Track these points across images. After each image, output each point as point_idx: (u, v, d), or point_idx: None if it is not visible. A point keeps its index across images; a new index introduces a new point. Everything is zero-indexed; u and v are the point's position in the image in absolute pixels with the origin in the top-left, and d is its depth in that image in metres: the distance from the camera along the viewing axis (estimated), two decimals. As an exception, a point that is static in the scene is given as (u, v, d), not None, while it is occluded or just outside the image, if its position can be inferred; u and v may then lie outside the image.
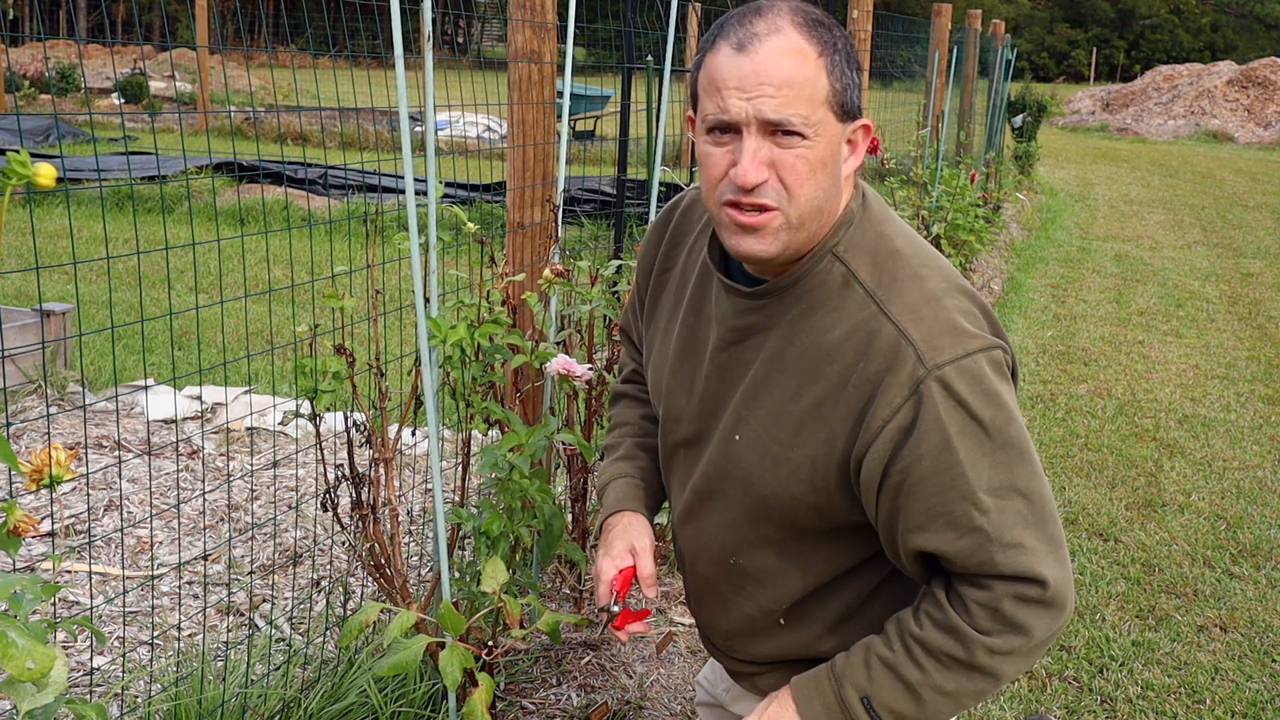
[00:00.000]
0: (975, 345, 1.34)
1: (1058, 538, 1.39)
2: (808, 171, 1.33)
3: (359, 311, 2.89)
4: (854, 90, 1.36)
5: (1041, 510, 1.38)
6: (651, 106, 3.94)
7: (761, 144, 1.32)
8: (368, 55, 3.05)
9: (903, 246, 1.42)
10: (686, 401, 1.54)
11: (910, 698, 1.38)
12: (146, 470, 3.79)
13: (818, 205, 1.36)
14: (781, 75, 1.30)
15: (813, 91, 1.31)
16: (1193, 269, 9.24)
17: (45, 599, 1.34)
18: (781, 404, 1.42)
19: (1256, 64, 26.46)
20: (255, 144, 13.56)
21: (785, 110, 1.30)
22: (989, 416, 1.33)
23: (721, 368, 1.49)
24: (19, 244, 7.55)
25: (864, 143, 1.41)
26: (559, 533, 2.26)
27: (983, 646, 1.35)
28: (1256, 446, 4.94)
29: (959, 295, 1.39)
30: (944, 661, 1.37)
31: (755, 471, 1.45)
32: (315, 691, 2.37)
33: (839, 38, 1.36)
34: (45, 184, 1.20)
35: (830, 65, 1.33)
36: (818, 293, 1.40)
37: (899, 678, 1.38)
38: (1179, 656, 3.15)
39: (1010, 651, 1.36)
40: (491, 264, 2.47)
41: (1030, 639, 1.36)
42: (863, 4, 6.74)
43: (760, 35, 1.31)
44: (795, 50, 1.31)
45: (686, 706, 2.67)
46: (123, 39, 18.08)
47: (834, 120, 1.34)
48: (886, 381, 1.33)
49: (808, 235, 1.38)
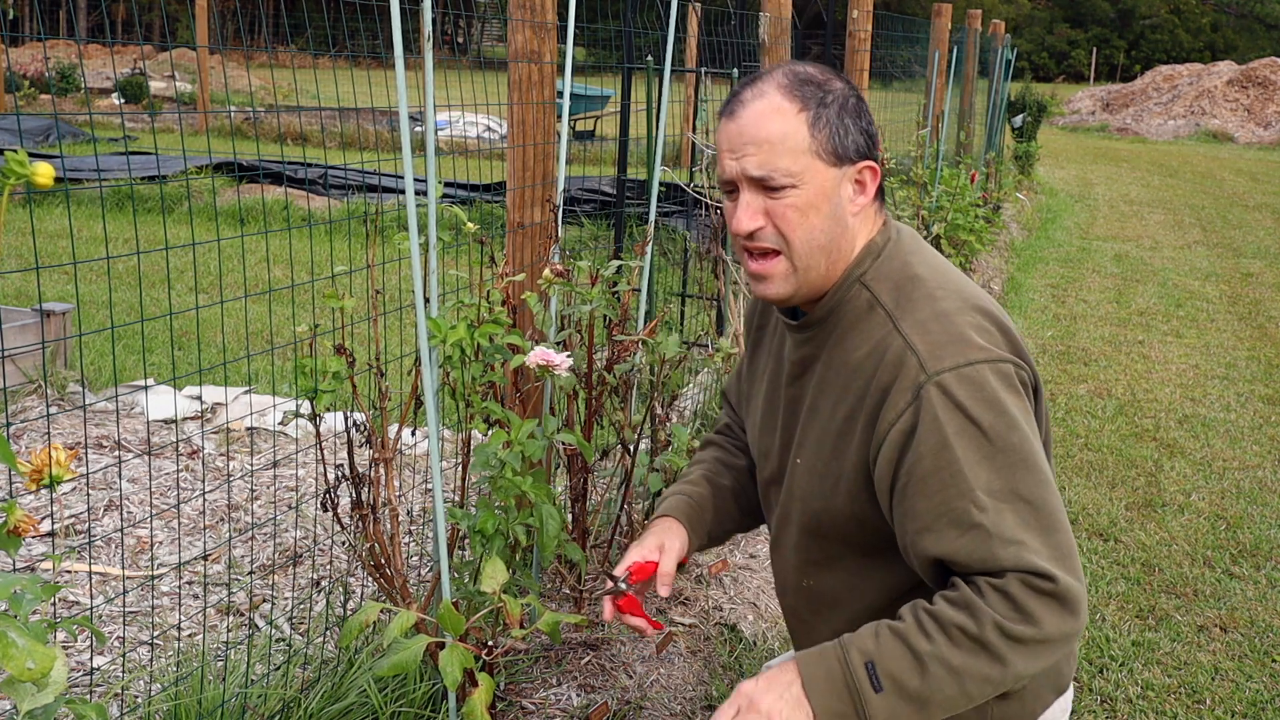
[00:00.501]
0: (979, 356, 1.42)
1: (1066, 547, 1.39)
2: (798, 217, 1.48)
3: (359, 311, 2.89)
4: (849, 136, 1.49)
5: (1048, 518, 1.39)
6: (651, 106, 3.94)
7: (754, 197, 1.49)
8: (368, 55, 3.05)
9: (923, 272, 1.53)
10: (771, 440, 1.68)
11: (916, 667, 1.36)
12: (146, 470, 3.79)
13: (819, 244, 1.50)
14: (761, 134, 1.47)
15: (794, 145, 1.46)
16: (1193, 269, 9.24)
17: (45, 599, 1.34)
18: (825, 423, 1.54)
19: (1256, 64, 26.46)
20: (255, 144, 13.57)
21: (766, 166, 1.46)
22: (988, 421, 1.38)
23: (790, 401, 1.63)
24: (19, 244, 7.55)
25: (873, 182, 1.53)
26: (556, 531, 2.26)
27: (993, 623, 1.35)
28: (1256, 446, 4.94)
29: (974, 314, 1.47)
30: (953, 635, 1.36)
31: (808, 490, 1.56)
32: (315, 691, 2.37)
33: (831, 91, 1.50)
34: (44, 184, 1.20)
35: (814, 118, 1.47)
36: (848, 318, 1.53)
37: (907, 646, 1.37)
38: (1179, 656, 3.15)
39: (1019, 638, 1.35)
40: (491, 264, 2.47)
41: (1040, 630, 1.35)
42: (863, 4, 6.74)
43: (745, 101, 1.49)
44: (774, 110, 1.47)
45: (686, 706, 2.68)
46: (123, 39, 18.09)
47: (824, 167, 1.48)
48: (893, 389, 1.43)
49: (820, 273, 1.52)
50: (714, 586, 3.22)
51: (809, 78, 1.50)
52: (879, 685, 1.36)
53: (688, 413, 4.43)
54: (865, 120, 1.52)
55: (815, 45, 8.74)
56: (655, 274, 4.09)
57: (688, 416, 4.40)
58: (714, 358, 3.76)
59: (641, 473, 3.19)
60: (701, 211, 4.53)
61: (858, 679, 1.37)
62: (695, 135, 4.71)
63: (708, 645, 2.93)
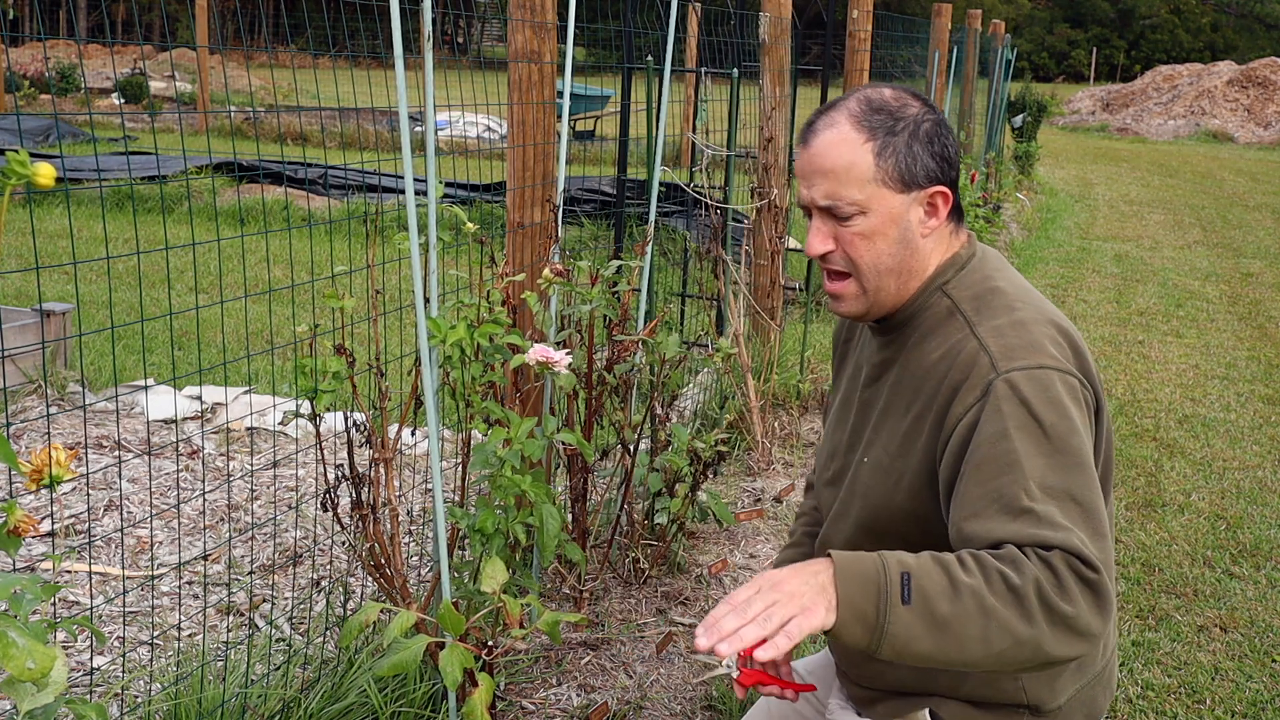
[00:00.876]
0: (1050, 363, 1.46)
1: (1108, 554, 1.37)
2: (864, 243, 1.54)
3: (359, 311, 2.89)
4: (920, 162, 1.54)
5: (1098, 523, 1.37)
6: (651, 106, 3.94)
7: (824, 222, 1.56)
8: (368, 55, 3.05)
9: (1004, 286, 1.58)
10: (840, 439, 1.72)
11: (950, 592, 1.30)
12: (146, 470, 3.79)
13: (887, 267, 1.56)
14: (827, 164, 1.53)
15: (859, 174, 1.52)
16: (1193, 269, 9.24)
17: (45, 599, 1.34)
18: (896, 423, 1.58)
19: (1256, 64, 26.45)
20: (255, 144, 13.56)
21: (832, 196, 1.53)
22: (1050, 420, 1.41)
23: (865, 403, 1.67)
24: (19, 244, 7.55)
25: (945, 205, 1.58)
26: (556, 531, 2.26)
27: (1035, 581, 1.30)
28: (1256, 446, 4.94)
29: (1049, 327, 1.52)
30: (993, 579, 1.31)
31: (872, 487, 1.59)
32: (315, 691, 2.37)
33: (903, 119, 1.55)
34: (45, 184, 1.20)
35: (881, 147, 1.52)
36: (928, 324, 1.58)
37: (946, 571, 1.32)
38: (1179, 656, 3.15)
39: (1053, 608, 1.30)
40: (491, 264, 2.47)
41: (1074, 610, 1.30)
42: (863, 4, 6.74)
43: (816, 130, 1.55)
44: (841, 140, 1.53)
45: (686, 707, 2.68)
46: (123, 39, 18.08)
47: (891, 194, 1.53)
48: (963, 387, 1.47)
49: (891, 293, 1.58)
50: (714, 586, 3.22)
51: (881, 105, 1.56)
52: (908, 597, 1.31)
53: (688, 413, 4.43)
54: (940, 144, 1.56)
55: (815, 45, 8.74)
56: (655, 274, 4.09)
57: (688, 416, 4.40)
58: (714, 358, 3.76)
59: (641, 473, 3.20)
60: (701, 211, 4.53)
61: (890, 584, 1.31)
62: (695, 135, 4.71)
63: (708, 645, 2.93)
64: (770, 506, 3.80)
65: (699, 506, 3.35)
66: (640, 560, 3.18)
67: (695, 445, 3.18)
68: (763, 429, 4.25)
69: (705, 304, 5.29)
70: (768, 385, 4.50)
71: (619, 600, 3.10)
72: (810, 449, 4.44)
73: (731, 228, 4.64)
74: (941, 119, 1.59)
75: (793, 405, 4.77)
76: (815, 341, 5.93)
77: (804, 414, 4.78)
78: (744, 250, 4.56)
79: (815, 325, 6.50)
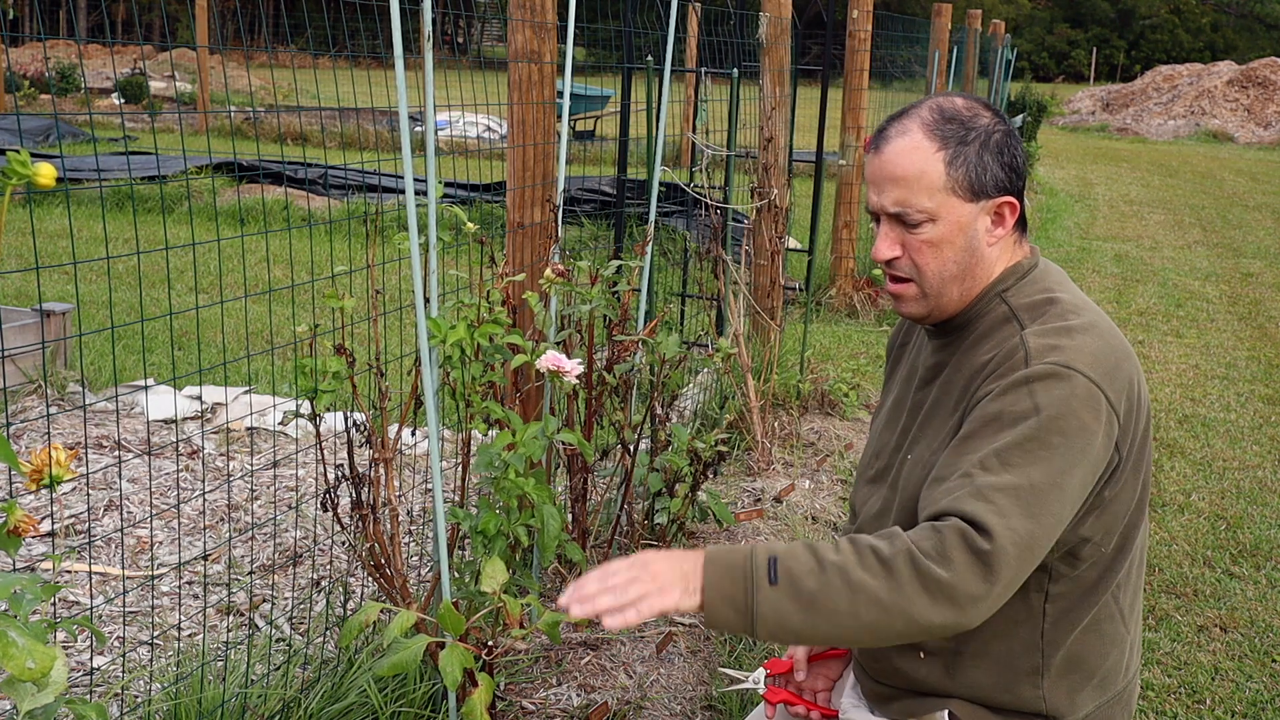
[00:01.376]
0: (1079, 367, 1.47)
1: (1029, 538, 1.39)
2: (931, 250, 1.57)
3: (359, 311, 2.89)
4: (989, 172, 1.56)
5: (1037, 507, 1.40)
6: (651, 106, 3.94)
7: (892, 228, 1.58)
8: (368, 55, 3.05)
9: (1063, 297, 1.59)
10: (888, 438, 1.73)
11: (816, 569, 1.37)
12: (146, 470, 3.79)
13: (951, 275, 1.58)
14: (898, 172, 1.55)
15: (930, 182, 1.54)
16: (1193, 269, 9.24)
17: (45, 599, 1.34)
18: (941, 421, 1.60)
19: (1256, 64, 26.45)
20: (255, 144, 13.56)
21: (902, 203, 1.55)
22: (1049, 415, 1.43)
23: (917, 405, 1.69)
24: (19, 244, 7.55)
25: (1011, 215, 1.60)
26: (556, 531, 2.26)
27: (906, 551, 1.37)
28: (1256, 446, 4.94)
29: (1098, 340, 1.52)
30: (863, 554, 1.38)
31: (913, 483, 1.60)
32: (315, 691, 2.37)
33: (975, 129, 1.57)
34: (45, 184, 1.20)
35: (952, 156, 1.54)
36: (984, 329, 1.60)
37: (814, 554, 1.40)
38: (1179, 656, 3.15)
39: (927, 576, 1.35)
40: (491, 264, 2.47)
41: (951, 576, 1.35)
42: (863, 4, 6.74)
43: (889, 138, 1.57)
44: (913, 148, 1.55)
45: (687, 706, 2.68)
46: (123, 39, 18.07)
47: (960, 203, 1.55)
48: (993, 377, 1.51)
49: (954, 297, 1.60)
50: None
51: (954, 114, 1.57)
52: (775, 578, 1.38)
53: (688, 413, 4.43)
54: (1009, 154, 1.58)
55: (815, 45, 8.74)
56: (655, 274, 4.10)
57: (688, 416, 4.40)
58: (714, 357, 3.76)
59: (641, 473, 3.20)
60: (701, 211, 4.53)
61: (757, 568, 1.39)
62: (695, 135, 4.71)
63: (708, 645, 2.93)
64: (770, 506, 3.81)
65: (699, 506, 3.35)
66: (640, 560, 3.18)
67: (695, 445, 3.18)
68: (763, 429, 4.25)
69: (705, 304, 5.30)
70: (768, 385, 4.51)
71: (619, 600, 3.10)
72: (810, 449, 4.44)
73: (731, 228, 4.64)
74: (1011, 129, 1.61)
75: (793, 405, 4.77)
76: (815, 341, 5.93)
77: (804, 414, 4.78)
78: (744, 250, 4.56)
79: (815, 325, 6.49)
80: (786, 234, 4.98)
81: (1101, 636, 1.58)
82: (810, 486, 4.05)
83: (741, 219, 5.71)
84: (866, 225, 7.93)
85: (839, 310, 7.01)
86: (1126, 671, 1.65)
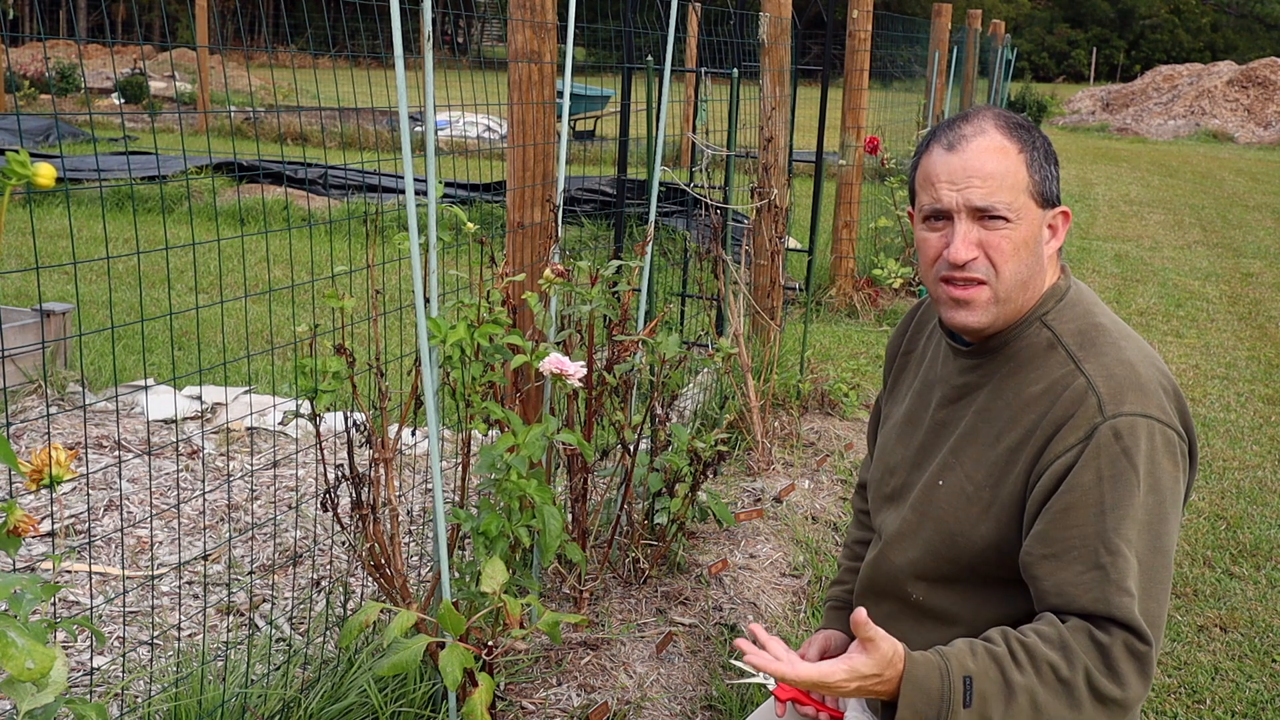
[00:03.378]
0: (1157, 414, 1.48)
1: (1160, 617, 1.46)
2: (1012, 250, 1.54)
3: (359, 311, 2.89)
4: (1051, 182, 1.58)
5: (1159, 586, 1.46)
6: (651, 106, 3.94)
7: (971, 227, 1.55)
8: (368, 55, 3.05)
9: (1106, 323, 1.59)
10: (904, 455, 1.72)
11: (1005, 694, 1.41)
12: (146, 470, 3.79)
13: (1021, 280, 1.57)
14: (987, 169, 1.54)
15: (1014, 182, 1.54)
16: (1193, 269, 9.24)
17: (45, 599, 1.34)
18: (983, 450, 1.58)
19: (1256, 64, 26.45)
20: (255, 144, 13.56)
21: (991, 198, 1.53)
22: (1146, 474, 1.45)
23: (939, 423, 1.67)
24: (19, 244, 7.55)
25: (1063, 227, 1.61)
26: (558, 532, 2.26)
27: (1085, 670, 1.41)
28: (1256, 446, 4.94)
29: (1154, 370, 1.53)
30: (1043, 672, 1.41)
31: (950, 512, 1.60)
32: (315, 691, 2.37)
33: (1038, 138, 1.59)
34: (45, 184, 1.20)
35: (1030, 160, 1.56)
36: (1025, 353, 1.59)
37: (1001, 672, 1.42)
38: (1179, 656, 3.15)
39: (1103, 694, 1.40)
40: (491, 264, 2.47)
41: (1123, 691, 1.41)
42: (863, 4, 6.74)
43: (968, 136, 1.56)
44: (998, 148, 1.55)
45: (686, 706, 2.68)
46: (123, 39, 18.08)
47: (1034, 207, 1.56)
48: (1067, 424, 1.49)
49: (1013, 309, 1.58)
50: (714, 586, 3.22)
51: (1020, 122, 1.59)
52: (969, 701, 1.41)
53: (688, 413, 4.43)
54: (1059, 168, 1.61)
55: (815, 45, 8.75)
56: (655, 274, 4.09)
57: (688, 416, 4.40)
58: (714, 357, 3.76)
59: (641, 473, 3.20)
60: (701, 211, 4.53)
61: (953, 691, 1.41)
62: (695, 135, 4.71)
63: (708, 645, 2.93)
64: (770, 506, 3.80)
65: (699, 506, 3.35)
66: (640, 560, 3.18)
67: (695, 445, 3.18)
68: (763, 429, 4.25)
69: (705, 304, 5.30)
70: (768, 385, 4.50)
71: (619, 600, 3.10)
72: (810, 449, 4.44)
73: (731, 228, 4.64)
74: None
75: (793, 405, 4.77)
76: (815, 341, 5.93)
77: (804, 414, 4.78)
78: (744, 250, 4.56)
79: (815, 325, 6.49)
80: (786, 234, 4.98)
81: None
82: (810, 486, 4.05)
83: (741, 219, 5.71)
84: (866, 225, 7.93)
85: (839, 310, 7.01)
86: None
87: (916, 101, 9.94)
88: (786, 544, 3.56)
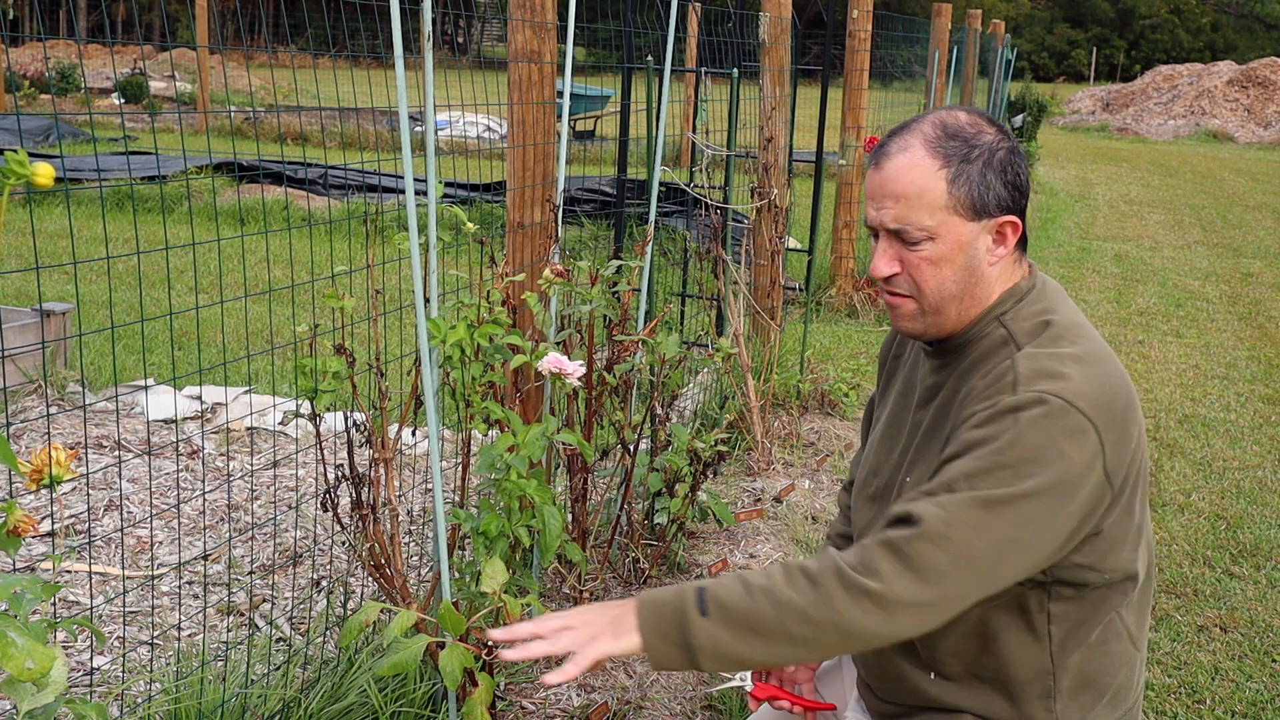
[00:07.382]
0: (1070, 397, 1.43)
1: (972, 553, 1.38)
2: (930, 268, 1.54)
3: (359, 311, 2.89)
4: (992, 191, 1.53)
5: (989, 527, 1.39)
6: (651, 106, 3.94)
7: (891, 244, 1.56)
8: (368, 55, 3.05)
9: (1058, 320, 1.56)
10: (887, 456, 1.71)
11: (744, 595, 1.41)
12: (146, 470, 3.79)
13: (950, 294, 1.56)
14: (899, 189, 1.52)
15: (931, 200, 1.51)
16: (1193, 269, 9.24)
17: (45, 599, 1.34)
18: (936, 444, 1.58)
19: (1256, 64, 26.45)
20: (255, 144, 13.56)
21: (901, 220, 1.52)
22: (1030, 442, 1.41)
23: (915, 424, 1.67)
24: (19, 244, 7.55)
25: (1013, 235, 1.57)
26: (558, 532, 2.26)
27: (833, 566, 1.40)
28: (1256, 446, 4.94)
29: (1094, 367, 1.49)
30: (791, 574, 1.42)
31: None
32: (315, 691, 2.37)
33: (978, 146, 1.53)
34: (44, 184, 1.20)
35: (954, 174, 1.52)
36: (981, 351, 1.58)
37: (742, 580, 1.44)
38: (1179, 656, 3.15)
39: (853, 587, 1.38)
40: (491, 264, 2.47)
41: (880, 586, 1.37)
42: (863, 4, 6.74)
43: (890, 154, 1.55)
44: (914, 165, 1.52)
45: (686, 706, 2.68)
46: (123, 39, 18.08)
47: (961, 221, 1.53)
48: (979, 397, 1.49)
49: (951, 318, 1.58)
50: (714, 586, 3.22)
51: (957, 131, 1.54)
52: (705, 609, 1.41)
53: (688, 413, 4.43)
54: (1012, 173, 1.55)
55: (815, 45, 8.74)
56: (655, 274, 4.09)
57: (688, 416, 4.40)
58: (714, 357, 3.76)
59: (641, 473, 3.20)
60: (701, 211, 4.53)
61: (686, 602, 1.42)
62: (695, 135, 4.71)
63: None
64: (770, 506, 3.81)
65: (699, 506, 3.35)
66: (640, 560, 3.18)
67: (695, 445, 3.18)
68: (763, 429, 4.25)
69: (705, 304, 5.30)
70: (768, 385, 4.51)
71: (619, 600, 3.10)
72: (810, 449, 4.44)
73: (731, 228, 4.64)
74: (1015, 146, 1.58)
75: (793, 405, 4.77)
76: (815, 341, 5.93)
77: (804, 414, 4.78)
78: (744, 250, 4.56)
79: (815, 325, 6.49)
80: (786, 234, 4.98)
81: (1110, 655, 1.58)
82: (810, 486, 4.05)
83: (741, 219, 5.71)
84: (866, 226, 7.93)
85: (839, 310, 7.01)
86: (1136, 687, 1.65)
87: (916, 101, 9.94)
88: (786, 544, 3.56)
